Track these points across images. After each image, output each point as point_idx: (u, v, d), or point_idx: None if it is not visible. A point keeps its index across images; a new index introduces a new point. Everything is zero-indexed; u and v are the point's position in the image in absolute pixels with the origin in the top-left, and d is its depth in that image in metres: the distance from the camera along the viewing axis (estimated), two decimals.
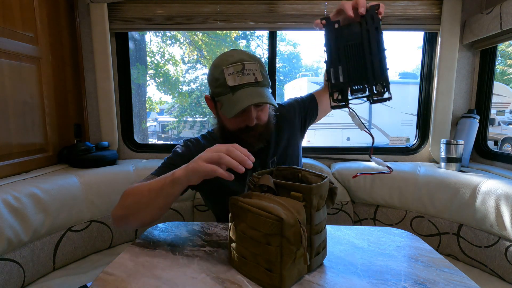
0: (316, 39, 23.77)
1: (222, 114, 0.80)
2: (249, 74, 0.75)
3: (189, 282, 0.52)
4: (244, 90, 0.74)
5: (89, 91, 1.52)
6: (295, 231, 0.49)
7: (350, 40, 0.64)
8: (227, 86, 0.75)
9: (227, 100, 0.76)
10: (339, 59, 0.65)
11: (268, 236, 0.49)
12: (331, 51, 0.65)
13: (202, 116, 8.39)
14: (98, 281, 0.53)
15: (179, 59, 7.21)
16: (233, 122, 0.80)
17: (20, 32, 1.16)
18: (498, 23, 1.20)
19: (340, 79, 0.64)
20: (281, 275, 0.49)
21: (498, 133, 6.94)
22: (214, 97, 0.82)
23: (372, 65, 0.63)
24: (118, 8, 1.46)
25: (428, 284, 0.52)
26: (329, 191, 0.58)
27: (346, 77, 0.64)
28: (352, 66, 0.64)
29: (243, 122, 0.79)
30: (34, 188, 1.01)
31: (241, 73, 0.74)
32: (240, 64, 0.75)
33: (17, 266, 0.93)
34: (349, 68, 0.64)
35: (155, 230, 0.76)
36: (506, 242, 1.00)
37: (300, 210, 0.51)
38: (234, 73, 0.74)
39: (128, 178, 1.31)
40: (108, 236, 1.26)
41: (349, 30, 0.64)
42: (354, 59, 0.64)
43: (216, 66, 0.78)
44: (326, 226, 0.60)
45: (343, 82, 0.64)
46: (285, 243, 0.49)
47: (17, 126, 1.14)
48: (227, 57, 0.77)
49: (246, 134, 0.80)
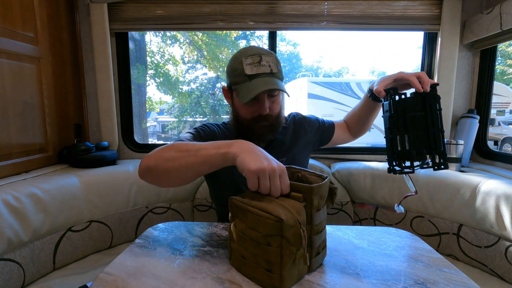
0: (316, 39, 23.77)
1: (238, 102, 0.85)
2: (265, 66, 0.81)
3: (189, 282, 0.52)
4: (260, 79, 0.80)
5: (89, 91, 1.52)
6: (295, 232, 0.49)
7: (416, 112, 0.70)
8: (245, 75, 0.81)
9: (243, 87, 0.81)
10: (405, 128, 0.70)
11: (268, 237, 0.49)
12: (397, 120, 0.70)
13: (202, 116, 8.39)
14: (98, 281, 0.53)
15: (179, 59, 7.21)
16: (247, 111, 0.85)
17: (20, 32, 1.16)
18: (498, 23, 1.20)
19: (406, 147, 0.69)
20: (281, 275, 0.49)
21: (498, 133, 6.95)
22: (231, 86, 0.87)
23: (434, 137, 0.69)
24: (118, 8, 1.46)
25: (428, 284, 0.52)
26: (329, 191, 0.58)
27: (410, 146, 0.69)
28: (414, 136, 0.69)
29: (256, 111, 0.84)
30: (34, 188, 1.01)
31: (258, 64, 0.81)
32: (257, 56, 0.81)
33: (17, 266, 0.93)
34: (411, 137, 0.69)
35: (155, 230, 0.76)
36: (506, 242, 1.00)
37: (300, 210, 0.51)
38: (251, 63, 0.81)
39: (128, 178, 1.31)
40: (108, 236, 1.26)
41: (412, 102, 0.71)
42: (418, 130, 0.70)
43: (236, 57, 0.84)
44: (326, 226, 0.60)
45: (408, 150, 0.69)
46: (285, 244, 0.49)
47: (17, 126, 1.14)
48: (246, 50, 0.84)
49: (259, 124, 0.85)
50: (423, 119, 0.70)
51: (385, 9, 1.43)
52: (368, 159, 1.51)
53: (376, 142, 6.44)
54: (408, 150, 0.69)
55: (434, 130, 0.69)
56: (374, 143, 6.50)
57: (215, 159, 0.60)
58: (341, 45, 31.58)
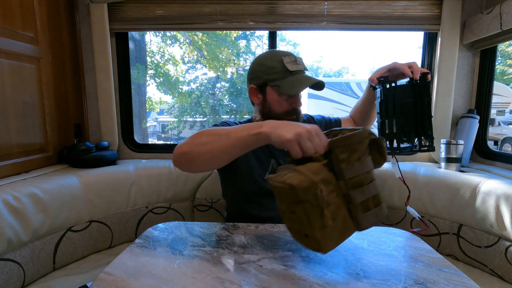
0: (316, 39, 23.77)
1: (274, 97, 0.92)
2: (300, 64, 0.92)
3: (189, 282, 0.52)
4: (301, 75, 0.91)
5: (89, 91, 1.52)
6: (315, 193, 0.48)
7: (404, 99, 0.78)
8: (286, 71, 0.90)
9: (288, 82, 0.89)
10: (394, 113, 0.77)
11: (291, 205, 0.50)
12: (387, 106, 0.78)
13: (202, 116, 8.39)
14: (98, 281, 0.53)
15: (179, 59, 7.21)
16: (284, 104, 0.93)
17: (20, 32, 1.16)
18: (498, 23, 1.20)
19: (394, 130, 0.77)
20: (316, 238, 0.50)
21: (498, 133, 6.95)
22: (265, 84, 0.93)
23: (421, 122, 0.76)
24: (118, 8, 1.46)
25: (428, 284, 0.52)
26: (373, 144, 0.56)
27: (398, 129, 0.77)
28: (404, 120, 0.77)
29: (292, 104, 0.93)
30: (34, 188, 1.01)
31: (295, 62, 0.91)
32: (293, 56, 0.92)
33: (17, 266, 0.93)
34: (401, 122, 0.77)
35: (155, 230, 0.76)
36: (506, 242, 1.00)
37: (317, 170, 0.50)
38: (291, 62, 0.90)
39: (128, 178, 1.31)
40: (108, 236, 1.26)
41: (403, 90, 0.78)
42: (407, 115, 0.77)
43: (270, 58, 0.92)
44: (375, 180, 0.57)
45: (396, 133, 0.77)
46: (308, 207, 0.49)
47: (17, 126, 1.14)
48: (276, 52, 0.94)
49: (289, 118, 0.92)
50: (412, 106, 0.77)
51: (385, 9, 1.43)
52: None
53: None
54: (395, 133, 0.76)
55: (423, 115, 0.76)
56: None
57: (247, 140, 0.63)
58: (341, 45, 31.56)
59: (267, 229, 0.76)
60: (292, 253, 0.63)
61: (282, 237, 0.71)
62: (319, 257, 0.62)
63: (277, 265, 0.58)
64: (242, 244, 0.67)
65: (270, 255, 0.62)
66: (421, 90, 0.77)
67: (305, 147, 0.55)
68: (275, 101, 0.93)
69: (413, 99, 0.77)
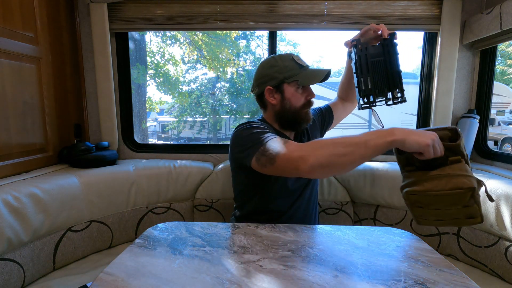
0: (316, 39, 23.76)
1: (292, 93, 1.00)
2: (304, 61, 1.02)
3: (189, 282, 0.52)
4: (311, 68, 1.01)
5: (89, 91, 1.52)
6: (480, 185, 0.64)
7: (375, 57, 0.87)
8: (299, 67, 0.99)
9: (304, 75, 0.98)
10: (368, 71, 0.87)
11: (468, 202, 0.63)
12: (361, 65, 0.87)
13: (202, 116, 8.39)
14: (98, 281, 0.53)
15: (179, 59, 7.21)
16: (301, 97, 1.01)
17: (20, 32, 1.16)
18: (498, 23, 1.20)
19: (369, 86, 0.87)
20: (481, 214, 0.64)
21: (498, 133, 6.94)
22: (282, 82, 1.00)
23: (392, 77, 0.86)
24: (118, 8, 1.46)
25: (428, 284, 0.52)
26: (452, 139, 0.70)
27: (373, 85, 0.86)
28: (377, 77, 0.87)
29: (307, 96, 1.01)
30: (34, 188, 1.01)
31: (301, 59, 1.02)
32: (296, 55, 1.02)
33: (17, 266, 0.94)
34: (374, 78, 0.87)
35: (155, 230, 0.76)
36: (506, 242, 1.00)
37: (468, 168, 0.65)
38: (298, 59, 1.01)
39: (128, 178, 1.31)
40: (108, 236, 1.26)
41: (374, 50, 0.88)
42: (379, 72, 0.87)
43: (280, 59, 1.01)
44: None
45: (371, 88, 0.86)
46: (478, 196, 0.63)
47: (17, 126, 1.14)
48: (281, 54, 1.03)
49: (305, 109, 1.01)
50: (383, 63, 0.87)
51: (385, 9, 1.43)
52: None
53: None
54: (371, 88, 0.86)
55: (393, 71, 0.86)
56: None
57: (383, 147, 0.70)
58: (341, 45, 31.54)
59: (267, 229, 0.76)
60: (292, 253, 0.63)
61: (282, 237, 0.71)
62: (319, 257, 0.62)
63: (277, 265, 0.58)
64: (242, 244, 0.67)
65: (270, 255, 0.62)
66: (389, 49, 0.86)
67: (436, 151, 0.66)
68: (294, 96, 1.00)
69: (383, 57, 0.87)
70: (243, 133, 0.93)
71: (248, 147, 0.87)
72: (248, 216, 1.05)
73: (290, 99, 1.00)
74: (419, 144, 0.65)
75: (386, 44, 0.87)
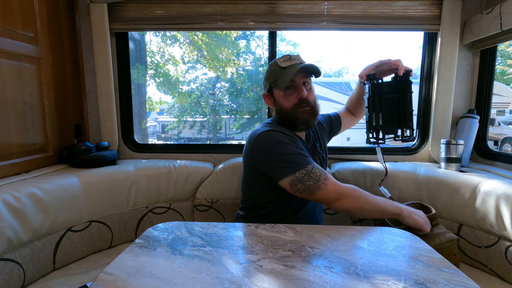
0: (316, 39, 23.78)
1: (280, 96, 1.02)
2: (295, 60, 1.00)
3: (189, 282, 0.52)
4: (292, 66, 0.98)
5: (89, 91, 1.52)
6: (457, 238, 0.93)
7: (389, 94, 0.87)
8: (280, 69, 0.99)
9: (281, 78, 0.99)
10: (380, 108, 0.87)
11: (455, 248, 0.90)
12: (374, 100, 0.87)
13: (202, 116, 8.39)
14: (98, 281, 0.53)
15: (179, 59, 7.20)
16: (289, 98, 1.01)
17: (20, 32, 1.16)
18: (498, 23, 1.20)
19: (380, 122, 0.87)
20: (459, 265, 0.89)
21: (498, 133, 6.94)
22: (271, 87, 1.04)
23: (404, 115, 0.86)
24: (118, 8, 1.46)
25: (428, 284, 0.52)
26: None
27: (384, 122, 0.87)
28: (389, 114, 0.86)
29: (295, 97, 1.00)
30: (34, 188, 1.01)
31: (289, 59, 1.01)
32: (287, 55, 1.02)
33: (17, 266, 0.94)
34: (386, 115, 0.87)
35: (155, 230, 0.76)
36: (506, 242, 1.00)
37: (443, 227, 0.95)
38: (284, 60, 1.01)
39: (128, 178, 1.31)
40: (108, 236, 1.26)
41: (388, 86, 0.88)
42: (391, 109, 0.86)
43: (271, 65, 1.04)
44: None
45: (382, 125, 0.87)
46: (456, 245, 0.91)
47: (17, 126, 1.14)
48: (277, 58, 1.04)
49: (301, 109, 1.00)
50: (396, 100, 0.87)
51: (385, 9, 1.43)
52: (368, 159, 1.51)
53: None
54: (381, 125, 0.87)
55: (405, 110, 0.86)
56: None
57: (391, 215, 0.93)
58: (341, 45, 31.56)
59: (267, 229, 0.76)
60: (292, 253, 0.63)
61: (282, 237, 0.71)
62: (319, 257, 0.62)
63: (277, 265, 0.58)
64: (242, 244, 0.67)
65: (270, 255, 0.62)
66: (404, 86, 0.86)
67: (429, 229, 0.92)
68: (282, 98, 1.02)
69: (397, 94, 0.87)
70: (275, 148, 0.95)
71: (281, 166, 0.93)
72: (254, 219, 1.06)
73: (280, 102, 1.03)
74: (416, 223, 0.90)
75: (401, 81, 0.86)
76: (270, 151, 0.95)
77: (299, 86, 1.00)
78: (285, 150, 0.94)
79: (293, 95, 1.00)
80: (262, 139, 0.97)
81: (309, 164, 0.92)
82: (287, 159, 0.92)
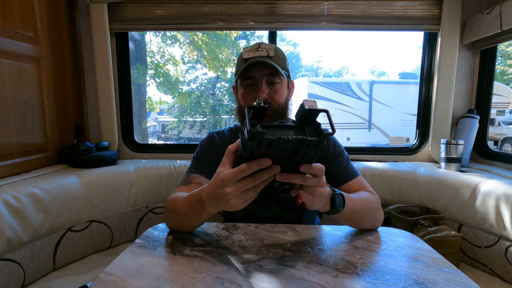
0: (316, 39, 23.78)
1: (240, 92, 0.87)
2: (262, 51, 0.83)
3: (189, 282, 0.52)
4: (253, 59, 0.82)
5: (89, 91, 1.52)
6: None
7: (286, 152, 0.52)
8: (242, 61, 0.84)
9: (242, 70, 0.83)
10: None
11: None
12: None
13: (202, 116, 8.39)
14: (98, 281, 0.53)
15: (179, 59, 7.21)
16: (247, 97, 0.85)
17: (20, 32, 1.16)
18: (498, 23, 1.20)
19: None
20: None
21: (498, 133, 6.94)
22: (236, 80, 0.89)
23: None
24: (118, 8, 1.46)
25: (428, 284, 0.52)
26: None
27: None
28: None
29: (255, 98, 0.82)
30: (34, 188, 1.01)
31: (255, 50, 0.83)
32: (257, 44, 0.84)
33: (17, 266, 0.93)
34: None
35: (155, 230, 0.76)
36: (506, 242, 1.00)
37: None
38: (250, 50, 0.84)
39: (128, 178, 1.31)
40: (108, 236, 1.26)
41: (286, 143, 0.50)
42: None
43: (240, 54, 0.88)
44: None
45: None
46: None
47: (17, 126, 1.14)
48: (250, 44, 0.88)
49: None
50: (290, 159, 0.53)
51: (385, 9, 1.43)
52: (368, 159, 1.51)
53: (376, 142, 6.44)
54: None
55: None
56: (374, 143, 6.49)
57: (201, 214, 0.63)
58: (341, 45, 31.56)
59: (267, 229, 0.76)
60: (292, 253, 0.63)
61: (282, 237, 0.71)
62: (319, 257, 0.62)
63: (277, 265, 0.58)
64: (242, 244, 0.67)
65: (270, 255, 0.62)
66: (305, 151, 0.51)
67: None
68: (241, 96, 0.87)
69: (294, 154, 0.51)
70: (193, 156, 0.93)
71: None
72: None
73: (240, 98, 0.89)
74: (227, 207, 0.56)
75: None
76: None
77: (259, 86, 0.83)
78: (195, 153, 0.92)
79: (251, 95, 0.84)
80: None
81: (190, 171, 0.86)
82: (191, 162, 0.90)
